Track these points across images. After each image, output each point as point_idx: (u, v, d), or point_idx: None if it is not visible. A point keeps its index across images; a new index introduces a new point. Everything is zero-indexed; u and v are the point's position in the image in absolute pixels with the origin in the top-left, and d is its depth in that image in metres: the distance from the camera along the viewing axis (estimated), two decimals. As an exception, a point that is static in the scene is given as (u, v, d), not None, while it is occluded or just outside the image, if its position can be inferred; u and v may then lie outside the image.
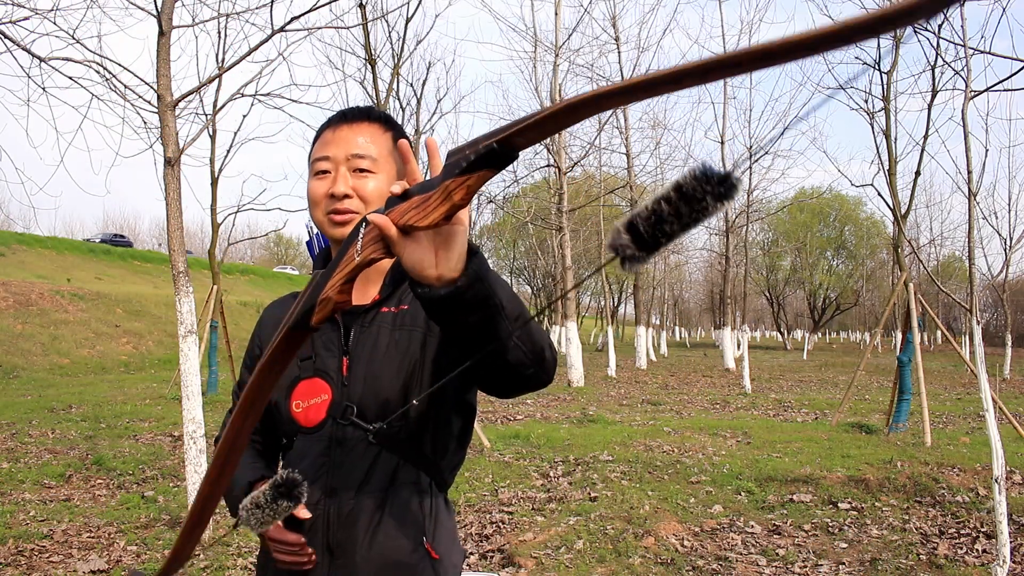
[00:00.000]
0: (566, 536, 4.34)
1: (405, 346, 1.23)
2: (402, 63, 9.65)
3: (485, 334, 0.92)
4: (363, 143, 1.24)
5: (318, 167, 1.25)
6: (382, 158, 1.26)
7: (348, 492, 1.21)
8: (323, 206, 1.23)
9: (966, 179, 3.70)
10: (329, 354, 1.25)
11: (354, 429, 1.21)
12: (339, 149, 1.24)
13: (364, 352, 1.24)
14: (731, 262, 17.31)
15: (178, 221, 4.28)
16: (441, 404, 1.24)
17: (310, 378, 1.24)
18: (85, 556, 3.92)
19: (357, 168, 1.23)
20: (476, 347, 0.95)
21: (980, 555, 4.04)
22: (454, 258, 0.82)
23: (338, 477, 1.21)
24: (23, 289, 18.82)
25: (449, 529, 1.27)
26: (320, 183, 1.24)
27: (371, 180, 1.24)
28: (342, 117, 1.27)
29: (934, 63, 5.94)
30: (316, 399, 1.23)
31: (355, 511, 1.20)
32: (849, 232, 42.85)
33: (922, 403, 7.24)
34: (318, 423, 1.22)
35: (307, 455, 1.24)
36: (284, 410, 1.25)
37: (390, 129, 1.29)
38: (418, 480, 1.23)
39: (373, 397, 1.21)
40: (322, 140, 1.26)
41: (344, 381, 1.23)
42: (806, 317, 48.13)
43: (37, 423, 8.04)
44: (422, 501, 1.23)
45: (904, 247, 8.83)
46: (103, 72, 4.52)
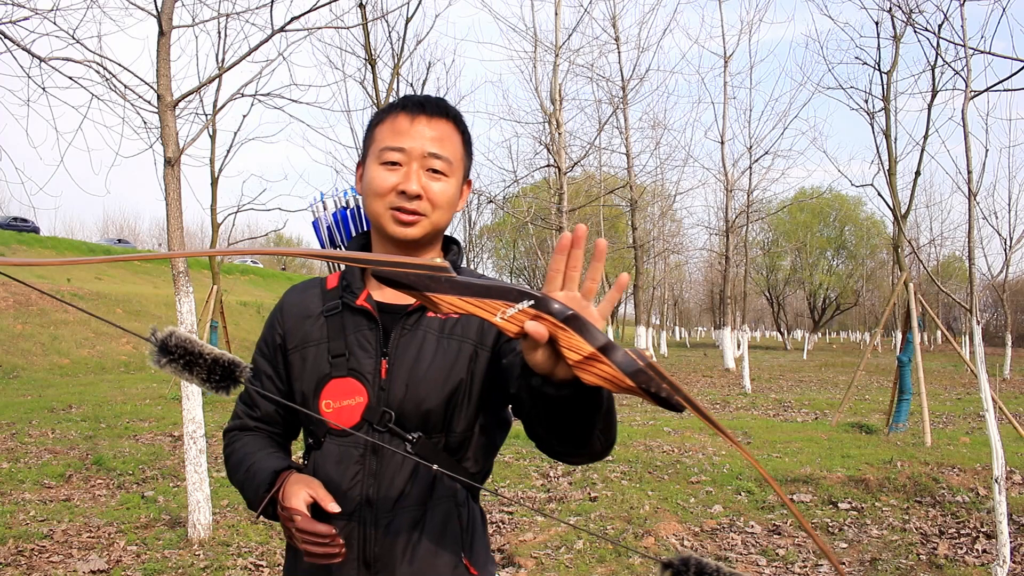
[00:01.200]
0: (566, 536, 4.34)
1: (453, 357, 1.18)
2: (402, 63, 9.66)
3: (577, 426, 0.92)
4: (442, 143, 1.18)
5: (388, 156, 1.16)
6: (455, 161, 1.19)
7: (386, 504, 1.15)
8: (388, 199, 1.16)
9: (966, 179, 3.70)
10: (365, 354, 1.18)
11: (391, 437, 1.15)
12: (416, 143, 1.16)
13: (407, 357, 1.17)
14: (731, 262, 17.30)
15: (178, 221, 4.27)
16: (485, 418, 1.21)
17: (343, 377, 1.17)
18: (85, 556, 3.92)
19: (431, 168, 1.16)
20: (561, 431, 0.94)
21: (980, 555, 4.04)
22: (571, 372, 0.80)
23: (375, 487, 1.15)
24: (23, 289, 18.82)
25: (484, 543, 1.24)
26: (389, 174, 1.16)
27: (443, 183, 1.17)
28: (420, 107, 1.18)
29: (934, 63, 5.94)
30: (350, 400, 1.17)
31: (394, 525, 1.15)
32: (849, 232, 42.85)
33: (922, 403, 7.24)
34: (351, 427, 1.16)
35: (340, 460, 1.17)
36: (312, 408, 1.19)
37: (462, 131, 1.23)
38: (455, 493, 1.19)
39: (414, 406, 1.15)
40: (395, 126, 1.17)
41: (382, 385, 1.16)
42: (806, 317, 48.14)
43: (37, 423, 8.04)
44: (460, 515, 1.19)
45: (904, 247, 8.83)
46: (103, 72, 4.52)
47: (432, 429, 1.17)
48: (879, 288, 41.67)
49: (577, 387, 0.83)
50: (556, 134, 11.30)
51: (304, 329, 1.23)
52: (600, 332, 0.76)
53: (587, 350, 0.74)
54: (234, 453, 1.27)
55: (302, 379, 1.21)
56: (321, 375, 1.19)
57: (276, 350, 1.26)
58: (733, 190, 16.24)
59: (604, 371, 0.74)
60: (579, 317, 0.76)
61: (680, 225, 28.80)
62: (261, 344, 1.30)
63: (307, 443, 1.25)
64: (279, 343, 1.26)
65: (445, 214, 1.19)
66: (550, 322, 0.75)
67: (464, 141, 1.22)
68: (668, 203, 24.26)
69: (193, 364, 0.90)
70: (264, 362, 1.28)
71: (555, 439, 0.98)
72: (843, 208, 41.21)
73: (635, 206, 17.54)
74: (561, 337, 0.75)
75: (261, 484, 1.16)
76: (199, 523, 4.20)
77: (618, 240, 25.64)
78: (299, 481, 1.13)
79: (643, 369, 0.73)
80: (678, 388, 0.73)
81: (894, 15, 6.02)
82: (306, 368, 1.21)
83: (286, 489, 1.12)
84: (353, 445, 1.17)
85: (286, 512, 1.09)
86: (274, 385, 1.26)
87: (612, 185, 18.27)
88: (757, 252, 35.39)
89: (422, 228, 1.17)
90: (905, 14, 4.80)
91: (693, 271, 41.68)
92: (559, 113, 11.25)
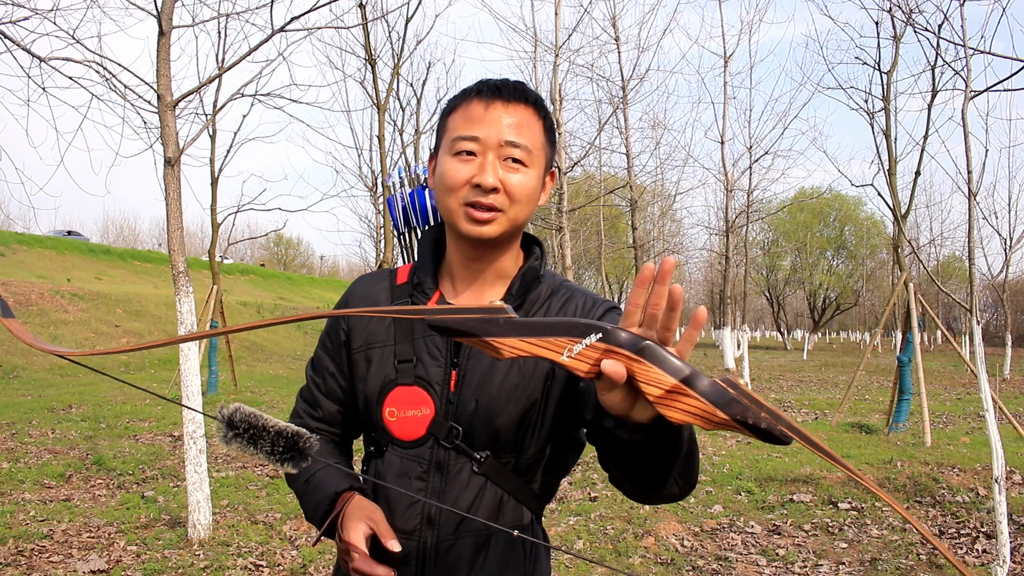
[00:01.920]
0: (566, 536, 4.34)
1: (529, 374, 1.09)
2: (402, 63, 9.66)
3: (652, 471, 0.86)
4: (520, 130, 1.07)
5: (462, 146, 1.06)
6: (536, 150, 1.08)
7: (448, 525, 1.09)
8: (462, 194, 1.06)
9: (966, 179, 3.70)
10: (434, 362, 1.10)
11: (457, 454, 1.08)
12: (491, 131, 1.05)
13: (479, 370, 1.09)
14: (731, 262, 17.30)
15: (178, 221, 4.27)
16: (557, 441, 1.13)
17: (409, 385, 1.10)
18: (85, 556, 3.92)
19: (509, 157, 1.06)
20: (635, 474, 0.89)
21: (980, 555, 4.04)
22: (650, 411, 0.73)
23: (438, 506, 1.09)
24: (23, 289, 18.83)
25: (547, 569, 1.18)
26: (462, 166, 1.05)
27: (523, 175, 1.07)
28: (496, 91, 1.08)
29: (934, 63, 5.94)
30: (415, 411, 1.10)
31: (456, 548, 1.09)
32: (849, 232, 42.84)
33: (922, 403, 7.24)
34: (416, 439, 1.09)
35: (402, 473, 1.10)
36: (376, 415, 1.12)
37: (543, 116, 1.11)
38: (521, 517, 1.12)
39: (485, 424, 1.08)
40: (468, 114, 1.07)
41: (451, 398, 1.09)
42: (806, 317, 48.13)
43: (37, 423, 8.03)
44: (524, 541, 1.11)
45: (904, 247, 8.83)
46: (103, 72, 4.52)
47: (502, 449, 1.09)
48: (879, 288, 41.67)
49: (654, 430, 0.77)
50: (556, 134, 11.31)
51: (370, 328, 1.16)
52: (682, 362, 0.68)
53: (669, 383, 0.67)
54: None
55: (367, 382, 1.14)
56: (386, 381, 1.12)
57: (340, 347, 1.18)
58: (733, 190, 16.25)
59: (692, 405, 0.66)
60: (654, 347, 0.68)
61: (680, 225, 28.77)
62: (324, 338, 1.22)
63: (368, 449, 1.19)
64: (343, 339, 1.18)
65: (525, 208, 1.08)
66: (623, 355, 0.68)
67: (546, 127, 1.12)
68: (668, 203, 24.26)
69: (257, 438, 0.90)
70: (327, 358, 1.20)
71: (628, 480, 0.92)
72: (843, 208, 41.20)
73: (635, 206, 17.54)
74: (637, 371, 0.68)
75: (320, 504, 1.09)
76: (199, 523, 4.20)
77: (618, 240, 25.65)
78: (360, 508, 1.06)
79: (736, 399, 0.65)
80: (779, 416, 0.65)
81: (894, 15, 6.02)
82: (371, 371, 1.14)
83: (346, 517, 1.05)
84: (416, 459, 1.10)
85: (344, 545, 1.03)
86: (337, 384, 1.19)
87: (612, 185, 18.27)
88: (757, 252, 35.39)
89: (499, 225, 1.07)
90: (905, 14, 4.81)
91: (693, 271, 41.65)
92: (559, 113, 11.25)
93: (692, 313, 0.72)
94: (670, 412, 0.67)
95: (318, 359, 1.22)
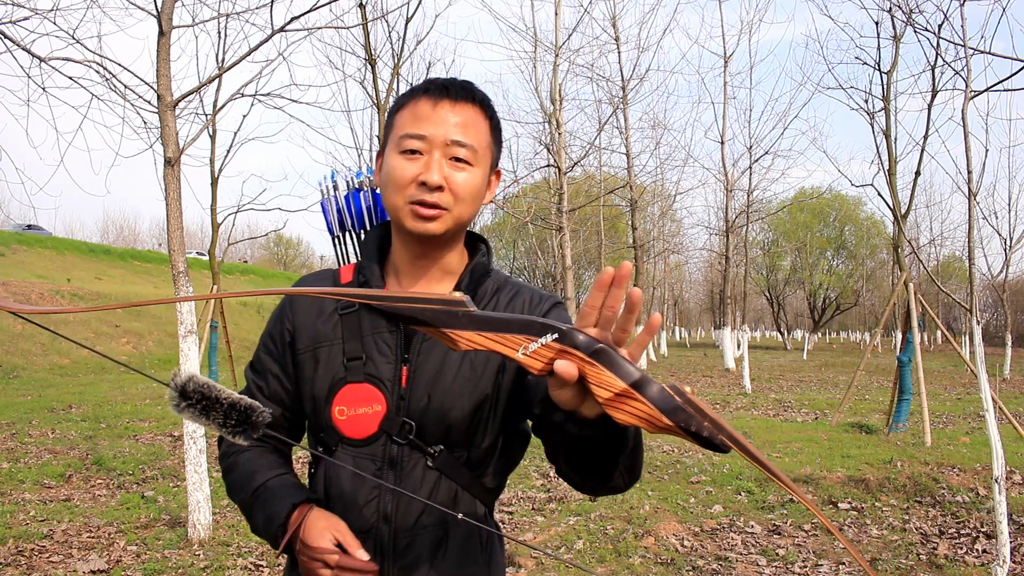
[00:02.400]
0: (566, 536, 4.34)
1: (480, 368, 1.10)
2: (402, 63, 9.65)
3: (599, 463, 0.89)
4: (466, 129, 1.08)
5: (409, 144, 1.06)
6: (482, 149, 1.10)
7: (406, 521, 1.09)
8: (408, 192, 1.06)
9: (966, 179, 3.70)
10: (384, 359, 1.10)
11: (411, 450, 1.09)
12: (438, 130, 1.06)
13: (430, 365, 1.10)
14: (731, 262, 17.29)
15: (178, 221, 4.27)
16: (508, 434, 1.15)
17: (359, 383, 1.10)
18: (85, 556, 3.92)
19: (454, 156, 1.07)
20: (582, 467, 0.91)
21: (980, 555, 4.04)
22: (599, 408, 0.76)
23: (394, 504, 1.09)
24: (23, 289, 18.83)
25: (502, 560, 1.20)
26: (409, 164, 1.06)
27: (468, 173, 1.08)
28: (444, 90, 1.08)
29: (934, 63, 5.94)
30: (366, 408, 1.09)
31: (414, 544, 1.09)
32: (849, 232, 42.83)
33: (922, 403, 7.24)
34: (367, 436, 1.09)
35: (355, 473, 1.10)
36: (324, 414, 1.11)
37: (489, 116, 1.13)
38: (475, 509, 1.13)
39: (437, 419, 1.08)
40: (416, 112, 1.08)
41: (402, 394, 1.09)
42: (806, 317, 48.12)
43: (37, 423, 8.03)
44: (479, 532, 1.13)
45: (904, 247, 8.83)
46: (103, 72, 4.52)
47: (455, 443, 1.10)
48: (879, 288, 41.67)
49: (602, 426, 0.79)
50: (556, 134, 11.30)
51: (316, 327, 1.15)
52: (633, 367, 0.70)
53: (618, 386, 0.69)
54: (236, 468, 1.18)
55: (314, 382, 1.13)
56: (335, 379, 1.11)
57: (285, 348, 1.17)
58: (733, 190, 16.24)
59: (639, 409, 0.69)
60: (608, 351, 0.70)
61: (680, 225, 28.79)
62: (267, 340, 1.20)
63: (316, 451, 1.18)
64: (288, 340, 1.17)
65: (469, 207, 1.10)
66: (577, 357, 0.70)
67: (492, 127, 1.13)
68: (668, 203, 24.27)
69: (210, 409, 0.90)
70: (270, 360, 1.18)
71: (575, 472, 0.95)
72: (843, 208, 41.19)
73: (635, 206, 17.54)
74: (589, 373, 0.70)
75: (275, 516, 1.09)
76: (199, 523, 4.20)
77: (618, 240, 25.65)
78: (322, 519, 1.06)
79: (682, 406, 0.67)
80: (721, 426, 0.67)
81: (894, 15, 6.02)
82: (318, 370, 1.13)
83: (308, 528, 1.05)
84: (369, 457, 1.09)
85: (313, 552, 1.03)
86: (281, 386, 1.18)
87: (612, 185, 18.27)
88: (757, 252, 35.39)
89: (444, 223, 1.08)
90: (905, 14, 4.81)
91: (693, 271, 41.71)
92: (559, 113, 11.25)
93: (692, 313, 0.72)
94: (617, 414, 0.70)
95: (259, 361, 1.20)
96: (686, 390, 0.68)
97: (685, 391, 0.68)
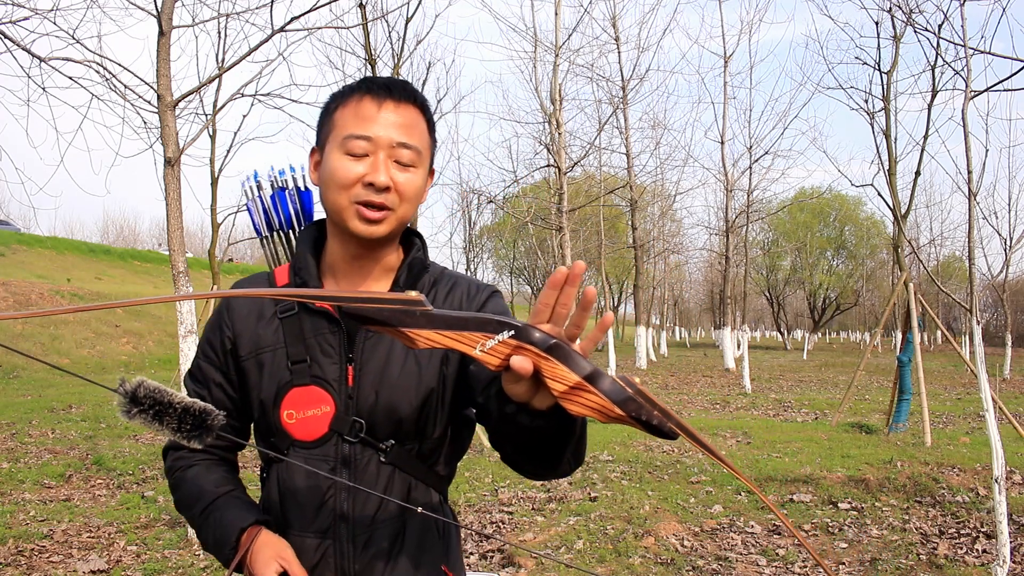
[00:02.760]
0: (566, 536, 4.34)
1: (425, 360, 1.12)
2: (402, 63, 9.65)
3: (547, 451, 0.91)
4: (410, 131, 1.09)
5: (354, 146, 1.06)
6: (424, 150, 1.11)
7: (363, 518, 1.10)
8: (353, 192, 1.06)
9: (966, 179, 3.70)
10: (328, 360, 1.11)
11: (363, 447, 1.10)
12: (384, 132, 1.06)
13: (375, 362, 1.11)
14: (731, 262, 17.30)
15: (178, 221, 4.28)
16: (455, 423, 1.17)
17: (305, 385, 1.10)
18: (85, 556, 3.92)
19: (399, 159, 1.08)
20: (531, 454, 0.93)
21: (980, 555, 4.04)
22: (550, 400, 0.78)
23: (350, 502, 1.10)
24: (23, 289, 18.83)
25: (459, 549, 1.21)
26: (354, 164, 1.06)
27: (411, 174, 1.09)
28: (387, 91, 1.09)
29: (934, 63, 5.95)
30: (315, 410, 1.09)
31: (373, 539, 1.10)
32: (849, 232, 42.84)
33: (922, 403, 7.24)
34: (318, 438, 1.10)
35: (309, 474, 1.10)
36: (273, 419, 1.11)
37: (428, 117, 1.14)
38: (430, 500, 1.15)
39: (387, 414, 1.09)
40: (361, 112, 1.08)
41: (350, 393, 1.10)
42: (806, 317, 48.12)
43: (37, 423, 8.04)
44: (436, 522, 1.15)
45: (904, 247, 8.83)
46: (103, 72, 4.52)
47: (405, 437, 1.11)
48: (879, 288, 41.66)
49: (553, 417, 0.82)
50: (556, 134, 11.30)
51: (257, 333, 1.14)
52: (585, 361, 0.73)
53: (572, 380, 0.72)
54: (184, 483, 1.17)
55: (260, 388, 1.12)
56: (281, 383, 1.10)
57: (227, 355, 1.16)
58: (733, 190, 16.25)
59: (592, 401, 0.72)
60: (562, 346, 0.73)
61: (680, 225, 28.79)
62: (206, 348, 1.18)
63: (267, 456, 1.17)
64: (229, 348, 1.16)
65: (412, 207, 1.12)
66: (532, 352, 0.73)
67: (430, 128, 1.15)
68: (668, 203, 24.27)
69: (163, 414, 0.87)
70: (211, 368, 1.17)
71: (524, 460, 0.97)
72: (843, 208, 41.19)
73: (635, 206, 17.54)
74: (544, 367, 0.73)
75: (223, 540, 1.09)
76: (199, 523, 4.19)
77: (618, 240, 25.65)
78: (269, 545, 1.07)
79: (632, 397, 0.71)
80: (669, 414, 0.71)
81: (894, 15, 6.02)
82: (263, 376, 1.12)
83: (255, 554, 1.06)
84: (322, 458, 1.09)
85: None
86: (224, 394, 1.17)
87: (612, 185, 18.28)
88: (757, 252, 35.39)
89: (389, 224, 1.09)
90: (905, 14, 4.81)
91: (693, 271, 41.68)
92: (559, 113, 11.25)
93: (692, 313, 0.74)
94: (571, 406, 0.73)
95: (199, 370, 1.18)
96: (636, 381, 0.72)
97: (635, 382, 0.72)
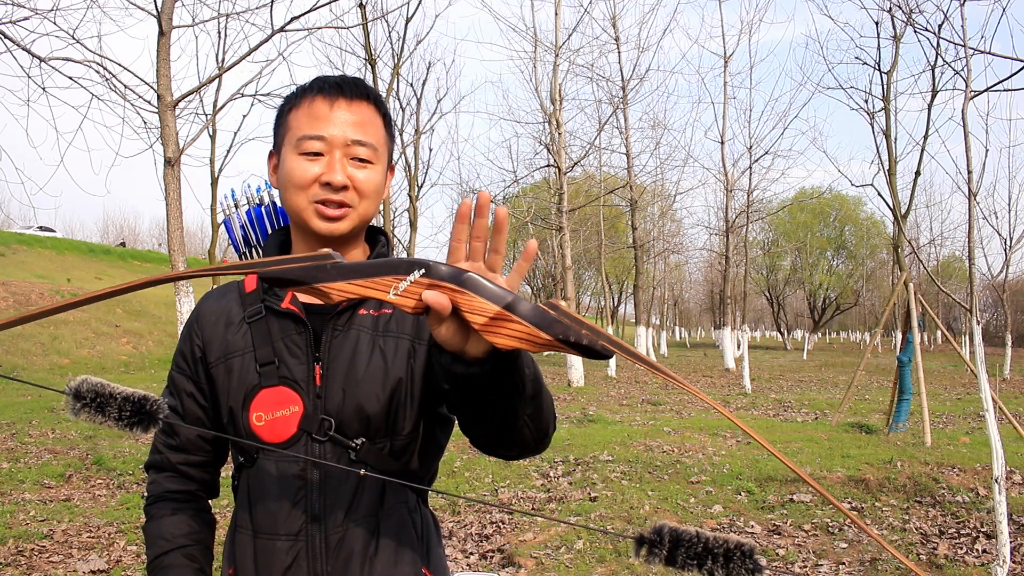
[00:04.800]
0: (566, 536, 4.34)
1: (391, 355, 1.11)
2: (402, 63, 9.66)
3: (498, 411, 0.89)
4: (365, 128, 1.10)
5: (309, 146, 1.07)
6: (380, 146, 1.12)
7: (335, 518, 1.08)
8: (311, 192, 1.07)
9: (966, 179, 3.70)
10: (296, 360, 1.10)
11: (333, 446, 1.08)
12: (338, 131, 1.07)
13: (341, 359, 1.10)
14: (731, 262, 17.31)
15: (178, 221, 4.28)
16: (429, 419, 1.15)
17: (274, 386, 1.09)
18: (85, 556, 3.93)
19: (355, 156, 1.08)
20: (484, 418, 0.92)
21: (980, 555, 4.04)
22: (484, 343, 0.76)
23: (321, 501, 1.08)
24: (23, 289, 18.84)
25: (440, 550, 1.20)
26: (310, 164, 1.07)
27: (369, 171, 1.10)
28: (338, 89, 1.09)
29: (934, 63, 5.95)
30: (283, 411, 1.08)
31: (346, 540, 1.08)
32: (849, 232, 42.86)
33: (922, 403, 7.24)
34: (287, 439, 1.08)
35: (280, 476, 1.09)
36: (242, 423, 1.10)
37: (382, 113, 1.15)
38: (406, 499, 1.13)
39: (355, 412, 1.08)
40: (313, 112, 1.08)
41: (318, 392, 1.09)
42: (806, 317, 48.14)
43: (37, 423, 8.04)
44: (414, 522, 1.13)
45: (904, 247, 8.83)
46: (103, 72, 4.52)
47: (375, 434, 1.10)
48: (879, 288, 41.68)
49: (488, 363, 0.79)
50: (556, 134, 11.30)
51: (226, 339, 1.14)
52: (504, 290, 0.71)
53: (492, 310, 0.70)
54: (151, 520, 1.19)
55: (229, 392, 1.13)
56: (250, 386, 1.10)
57: (197, 363, 1.16)
58: (733, 190, 16.26)
59: (516, 330, 0.70)
60: (474, 277, 0.71)
61: (680, 225, 28.83)
62: (178, 359, 1.19)
63: (237, 461, 1.16)
64: (199, 356, 1.16)
65: (373, 204, 1.11)
66: (446, 288, 0.71)
67: (386, 123, 1.15)
68: (668, 203, 24.30)
69: (105, 405, 0.89)
70: (183, 379, 1.17)
71: (479, 429, 0.96)
72: (843, 208, 41.21)
73: (635, 206, 17.54)
74: (462, 302, 0.71)
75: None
76: (199, 523, 4.20)
77: (618, 240, 25.66)
78: None
79: (557, 319, 0.68)
80: (599, 331, 0.68)
81: (894, 15, 6.02)
82: (232, 380, 1.12)
83: None
84: (291, 459, 1.09)
85: None
86: (196, 403, 1.17)
87: (612, 185, 18.29)
88: (757, 252, 35.40)
89: (350, 221, 1.09)
90: (905, 14, 4.81)
91: (693, 271, 41.72)
92: (559, 113, 11.24)
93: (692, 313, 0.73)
94: (496, 339, 0.71)
95: (173, 383, 1.19)
96: (561, 304, 0.70)
97: (560, 305, 0.69)
